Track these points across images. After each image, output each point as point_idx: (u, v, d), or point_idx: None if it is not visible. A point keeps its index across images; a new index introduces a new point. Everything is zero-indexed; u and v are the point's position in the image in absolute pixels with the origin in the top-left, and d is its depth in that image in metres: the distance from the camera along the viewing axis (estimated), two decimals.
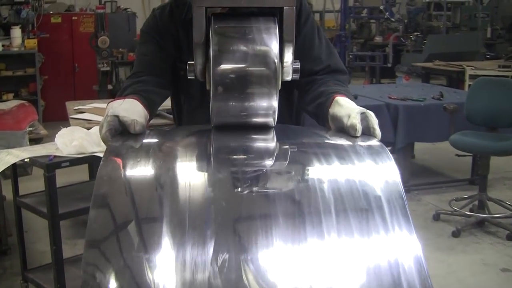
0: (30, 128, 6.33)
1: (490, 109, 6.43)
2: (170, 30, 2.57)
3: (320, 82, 2.35)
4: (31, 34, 11.44)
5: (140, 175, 1.60)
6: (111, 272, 1.32)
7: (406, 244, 1.39)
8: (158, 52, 2.56)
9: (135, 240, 1.38)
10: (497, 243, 6.00)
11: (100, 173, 1.58)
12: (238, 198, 1.49)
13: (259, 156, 1.77)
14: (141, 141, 1.84)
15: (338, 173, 1.58)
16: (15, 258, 5.30)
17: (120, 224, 1.44)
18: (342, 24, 14.03)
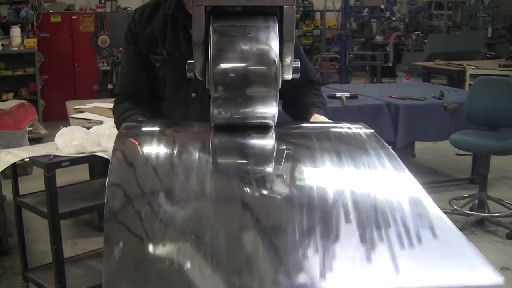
0: (30, 128, 6.32)
1: (490, 109, 6.43)
2: (146, 30, 2.75)
3: (302, 93, 2.74)
4: (30, 33, 11.44)
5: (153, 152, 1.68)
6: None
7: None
8: (136, 65, 2.81)
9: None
10: (497, 242, 6.00)
11: (116, 146, 1.68)
12: (239, 203, 1.49)
13: (256, 159, 1.77)
14: (156, 126, 1.98)
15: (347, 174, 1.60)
16: (16, 258, 5.30)
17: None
18: (342, 23, 13.97)
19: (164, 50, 2.71)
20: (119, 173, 1.58)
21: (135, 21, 2.78)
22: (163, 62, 2.72)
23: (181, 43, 2.69)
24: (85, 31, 11.94)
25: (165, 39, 2.72)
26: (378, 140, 1.77)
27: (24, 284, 4.86)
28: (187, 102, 2.73)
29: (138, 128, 1.95)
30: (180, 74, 2.59)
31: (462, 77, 11.04)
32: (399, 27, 16.82)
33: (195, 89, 2.69)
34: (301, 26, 18.25)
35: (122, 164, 1.63)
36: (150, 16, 2.75)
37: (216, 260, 1.26)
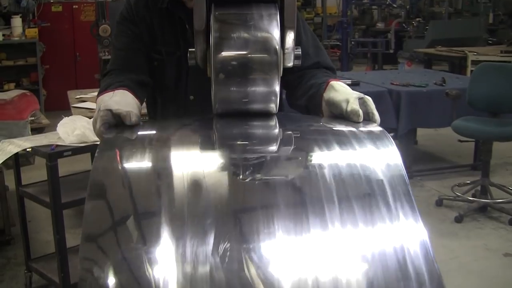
0: (32, 118, 6.33)
1: (492, 95, 6.42)
2: (145, 19, 2.49)
3: (309, 76, 2.28)
4: (31, 23, 11.43)
5: (137, 166, 1.57)
6: (109, 266, 1.29)
7: (411, 229, 1.38)
8: (133, 45, 2.49)
9: (133, 232, 1.36)
10: (500, 228, 6.00)
11: (95, 165, 1.55)
12: (238, 187, 1.48)
13: (258, 143, 1.76)
14: (137, 133, 1.81)
15: (340, 159, 1.57)
16: (19, 248, 5.31)
17: (117, 216, 1.41)
18: (344, 11, 13.96)
19: (163, 48, 2.50)
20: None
21: (131, 7, 2.52)
22: (162, 62, 2.51)
23: (180, 41, 2.48)
24: (86, 20, 11.92)
25: (163, 36, 2.50)
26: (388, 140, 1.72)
27: (27, 274, 4.86)
28: (185, 105, 2.54)
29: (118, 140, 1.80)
30: (177, 75, 2.52)
31: (463, 64, 11.04)
32: (400, 14, 16.77)
33: (193, 92, 2.52)
34: (302, 13, 18.20)
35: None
36: (146, 6, 2.50)
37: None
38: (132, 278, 1.27)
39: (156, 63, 2.51)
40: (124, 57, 2.50)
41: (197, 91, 2.51)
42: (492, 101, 6.42)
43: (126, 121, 1.85)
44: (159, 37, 2.50)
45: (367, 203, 1.42)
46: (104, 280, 1.26)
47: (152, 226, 1.35)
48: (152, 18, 2.49)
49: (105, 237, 1.36)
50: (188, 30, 2.44)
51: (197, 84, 2.48)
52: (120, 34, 2.54)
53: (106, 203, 1.45)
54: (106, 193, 1.48)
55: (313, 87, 2.17)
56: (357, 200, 1.43)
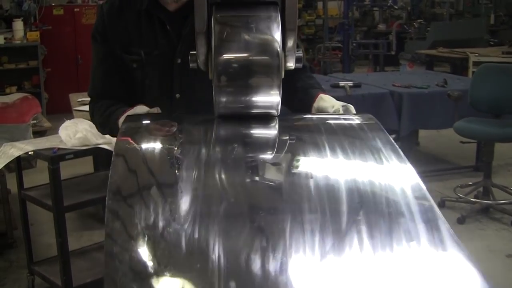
0: (34, 121, 6.34)
1: (494, 96, 6.42)
2: (118, 25, 2.54)
3: (293, 79, 2.37)
4: (33, 26, 11.44)
5: (156, 148, 1.67)
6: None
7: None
8: (105, 67, 2.64)
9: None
10: (502, 229, 6.00)
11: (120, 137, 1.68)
12: (254, 188, 1.51)
13: (257, 147, 1.77)
14: (157, 121, 1.93)
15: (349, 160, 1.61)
16: (21, 251, 5.30)
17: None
18: (345, 12, 13.96)
19: (140, 49, 2.51)
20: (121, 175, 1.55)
21: (103, 17, 2.57)
22: (141, 63, 2.53)
23: (158, 41, 2.51)
24: (88, 23, 11.93)
25: (140, 37, 2.52)
26: (382, 132, 1.75)
27: (30, 277, 4.87)
28: (171, 103, 2.55)
29: (139, 124, 1.91)
30: (160, 74, 2.54)
31: (465, 65, 11.03)
32: (402, 15, 16.77)
33: (179, 89, 2.53)
34: (303, 15, 18.19)
35: (124, 168, 1.59)
36: (120, 11, 2.53)
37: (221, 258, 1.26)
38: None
39: (135, 65, 2.55)
40: (100, 86, 2.74)
41: (183, 89, 2.54)
42: (494, 102, 6.42)
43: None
44: (135, 38, 2.53)
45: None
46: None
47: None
48: (126, 21, 2.53)
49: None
50: (170, 30, 2.49)
51: (183, 82, 2.51)
52: (94, 55, 2.71)
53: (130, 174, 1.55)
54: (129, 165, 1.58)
55: (301, 91, 2.43)
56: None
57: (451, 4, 17.25)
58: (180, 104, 2.54)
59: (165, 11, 2.51)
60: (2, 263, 5.40)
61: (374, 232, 1.34)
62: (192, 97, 2.48)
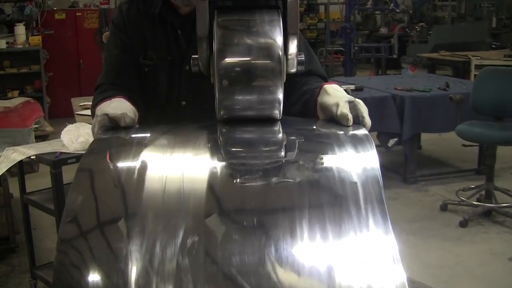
0: (36, 125, 6.34)
1: (496, 99, 6.41)
2: (136, 25, 2.51)
3: (301, 83, 2.29)
4: (35, 30, 11.47)
5: (123, 165, 1.61)
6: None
7: (380, 237, 1.38)
8: (123, 57, 2.53)
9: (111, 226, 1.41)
10: (505, 233, 6.00)
11: (82, 162, 1.62)
12: (214, 191, 1.50)
13: (246, 147, 1.77)
14: (130, 134, 1.87)
15: (316, 162, 1.59)
16: (23, 255, 5.31)
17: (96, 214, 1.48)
18: (347, 16, 13.96)
19: (154, 54, 2.50)
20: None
21: (124, 14, 2.55)
22: (153, 67, 2.51)
23: (171, 46, 2.49)
24: (90, 27, 11.96)
25: (154, 41, 2.51)
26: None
27: (32, 282, 4.87)
28: (177, 110, 2.53)
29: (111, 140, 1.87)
30: (169, 80, 2.52)
31: (467, 68, 11.03)
32: (404, 19, 16.76)
33: (185, 97, 2.52)
34: (305, 19, 18.23)
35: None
36: (138, 13, 2.52)
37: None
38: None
39: (147, 69, 2.52)
40: (116, 72, 2.54)
41: (189, 97, 2.52)
42: (496, 105, 6.42)
43: (120, 123, 1.94)
44: (150, 42, 2.51)
45: (338, 205, 1.43)
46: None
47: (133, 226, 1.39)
48: (143, 23, 2.51)
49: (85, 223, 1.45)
50: (181, 36, 2.48)
51: (190, 90, 2.50)
52: (112, 43, 2.59)
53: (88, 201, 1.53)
54: (88, 193, 1.55)
55: (307, 93, 2.20)
56: (328, 203, 1.44)
57: (453, 8, 17.26)
58: (185, 112, 2.53)
59: (178, 15, 2.49)
60: (4, 268, 5.40)
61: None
62: (197, 104, 2.46)
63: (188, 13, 2.48)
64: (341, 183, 1.48)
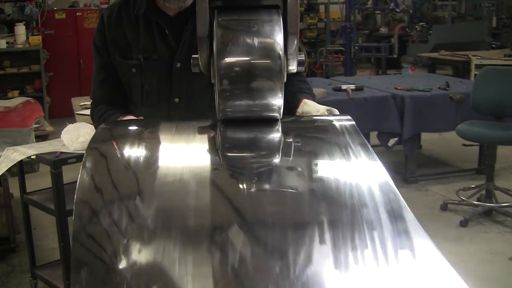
0: (36, 125, 6.35)
1: (496, 99, 6.41)
2: (117, 30, 2.58)
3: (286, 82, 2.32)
4: (35, 30, 11.47)
5: (127, 156, 1.65)
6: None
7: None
8: (107, 73, 2.70)
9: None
10: (505, 232, 6.00)
11: (88, 153, 1.66)
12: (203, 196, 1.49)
13: (244, 148, 1.78)
14: (134, 126, 1.92)
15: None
16: (24, 255, 5.32)
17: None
18: (347, 16, 13.95)
19: (139, 54, 2.55)
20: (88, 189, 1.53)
21: (103, 25, 2.62)
22: (140, 67, 2.55)
23: (157, 46, 2.53)
24: (90, 27, 11.95)
25: (138, 42, 2.55)
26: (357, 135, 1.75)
27: (33, 282, 4.87)
28: (170, 108, 2.58)
29: (120, 128, 1.92)
30: (159, 79, 2.55)
31: (467, 68, 11.03)
32: (404, 19, 16.77)
33: (178, 94, 2.55)
34: (305, 19, 18.19)
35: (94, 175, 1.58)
36: (119, 17, 2.58)
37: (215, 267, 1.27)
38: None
39: (134, 69, 2.56)
40: (102, 91, 2.81)
41: (181, 94, 2.55)
42: (496, 105, 6.42)
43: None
44: (133, 44, 2.55)
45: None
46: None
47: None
48: (124, 28, 2.56)
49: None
50: (169, 35, 2.52)
51: (182, 87, 2.53)
52: (94, 62, 2.80)
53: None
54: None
55: (289, 95, 2.26)
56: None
57: (453, 7, 17.26)
58: (178, 109, 2.56)
59: (164, 16, 2.53)
60: (4, 267, 5.40)
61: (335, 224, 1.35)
62: (190, 101, 2.50)
63: (177, 13, 2.53)
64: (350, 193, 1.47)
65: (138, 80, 2.57)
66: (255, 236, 1.34)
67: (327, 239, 1.30)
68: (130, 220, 1.37)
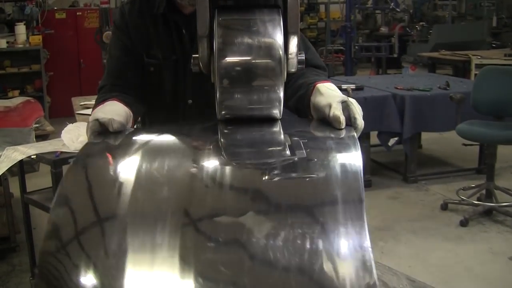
0: (36, 125, 6.33)
1: (496, 98, 6.41)
2: (139, 26, 2.52)
3: (297, 75, 2.20)
4: (35, 30, 11.47)
5: (110, 172, 1.62)
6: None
7: (355, 247, 1.35)
8: (125, 59, 2.54)
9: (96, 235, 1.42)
10: (505, 232, 6.00)
11: (68, 172, 1.64)
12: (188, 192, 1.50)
13: (243, 148, 1.77)
14: (120, 139, 1.87)
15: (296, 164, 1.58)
16: (24, 255, 5.32)
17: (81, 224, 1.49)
18: (347, 15, 13.96)
19: (159, 53, 2.51)
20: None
21: (125, 15, 2.55)
22: (158, 67, 2.52)
23: (175, 46, 2.50)
24: (90, 27, 11.96)
25: (159, 41, 2.51)
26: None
27: (33, 281, 4.87)
28: (184, 109, 2.55)
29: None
30: (175, 79, 2.53)
31: (467, 67, 11.04)
32: (404, 18, 16.77)
33: (191, 96, 2.53)
34: (306, 18, 18.20)
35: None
36: (141, 13, 2.52)
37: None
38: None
39: (152, 68, 2.52)
40: (117, 73, 2.54)
41: (195, 95, 2.53)
42: (497, 104, 6.41)
43: (108, 128, 1.95)
44: (154, 42, 2.51)
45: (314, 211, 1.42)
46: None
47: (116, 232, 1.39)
48: (146, 23, 2.51)
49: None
50: (185, 35, 2.49)
51: (196, 88, 2.51)
52: (114, 45, 2.59)
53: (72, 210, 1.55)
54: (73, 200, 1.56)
55: (302, 88, 2.16)
56: (303, 207, 1.43)
57: (453, 7, 17.26)
58: (192, 110, 2.54)
59: (181, 15, 2.50)
60: (5, 267, 5.40)
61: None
62: (204, 103, 2.47)
63: (192, 12, 2.47)
64: (320, 191, 1.47)
65: (155, 79, 2.53)
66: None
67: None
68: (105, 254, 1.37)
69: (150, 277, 1.28)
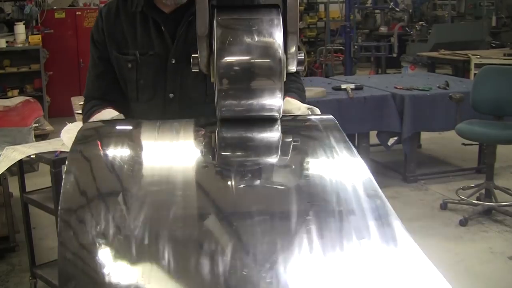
0: (36, 124, 6.33)
1: (496, 98, 6.42)
2: (114, 26, 2.64)
3: None
4: (35, 30, 11.46)
5: (109, 157, 1.64)
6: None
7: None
8: (101, 69, 2.75)
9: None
10: (505, 231, 6.00)
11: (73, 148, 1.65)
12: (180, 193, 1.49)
13: (243, 148, 1.78)
14: (116, 127, 1.90)
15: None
16: (23, 254, 5.31)
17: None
18: (346, 15, 13.97)
19: (135, 50, 2.59)
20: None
21: (101, 20, 2.70)
22: (136, 63, 2.59)
23: (153, 42, 2.56)
24: (90, 26, 11.88)
25: (135, 38, 2.60)
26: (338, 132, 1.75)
27: (32, 281, 4.87)
28: (164, 103, 2.60)
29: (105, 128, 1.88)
30: (154, 74, 2.58)
31: (467, 67, 11.05)
32: (403, 18, 16.76)
33: (172, 89, 2.57)
34: (305, 18, 18.19)
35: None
36: (117, 14, 2.64)
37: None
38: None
39: (130, 65, 2.61)
40: (97, 85, 2.81)
41: (176, 89, 2.58)
42: (496, 104, 6.42)
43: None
44: (130, 40, 2.60)
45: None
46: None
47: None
48: (122, 23, 2.62)
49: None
50: (165, 32, 2.56)
51: (177, 82, 2.57)
52: (90, 57, 2.84)
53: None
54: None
55: None
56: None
57: (452, 6, 17.25)
58: (173, 104, 2.58)
59: (160, 12, 2.57)
60: (4, 267, 5.40)
61: (324, 231, 1.32)
62: (185, 96, 2.54)
63: (171, 11, 2.58)
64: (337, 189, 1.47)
65: (134, 75, 2.61)
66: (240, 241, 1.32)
67: (313, 242, 1.29)
68: (118, 230, 1.34)
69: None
